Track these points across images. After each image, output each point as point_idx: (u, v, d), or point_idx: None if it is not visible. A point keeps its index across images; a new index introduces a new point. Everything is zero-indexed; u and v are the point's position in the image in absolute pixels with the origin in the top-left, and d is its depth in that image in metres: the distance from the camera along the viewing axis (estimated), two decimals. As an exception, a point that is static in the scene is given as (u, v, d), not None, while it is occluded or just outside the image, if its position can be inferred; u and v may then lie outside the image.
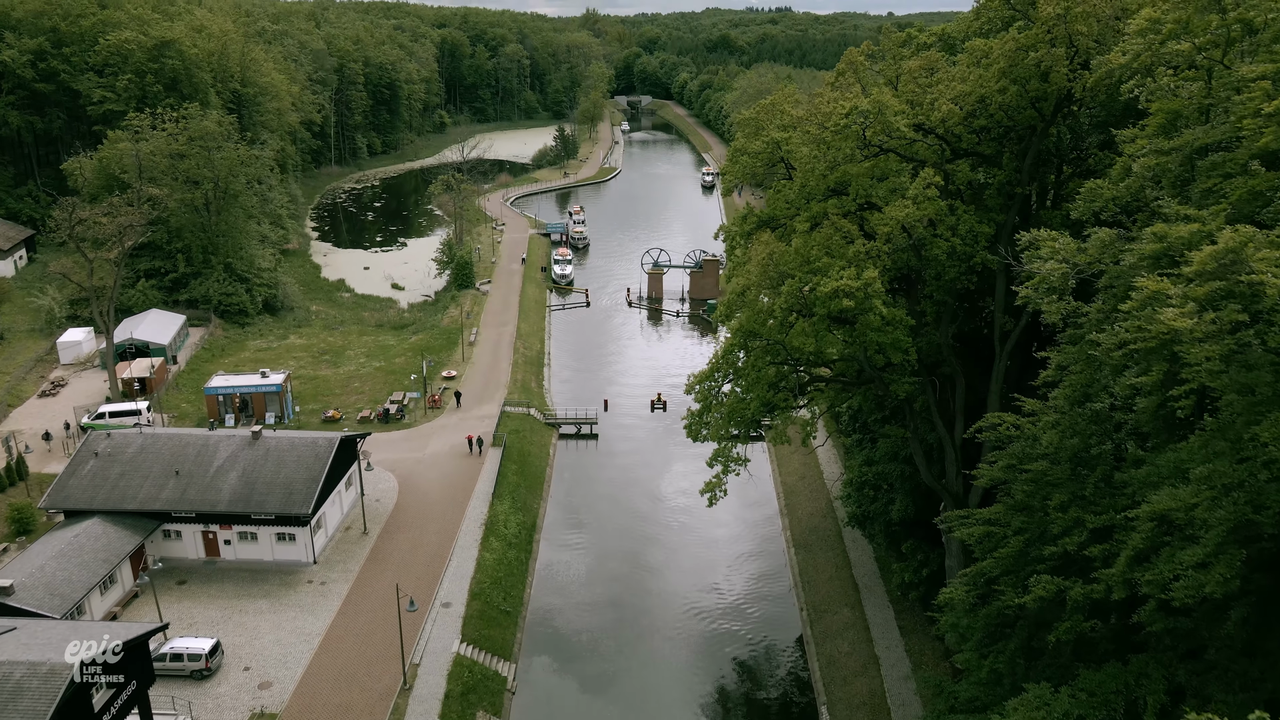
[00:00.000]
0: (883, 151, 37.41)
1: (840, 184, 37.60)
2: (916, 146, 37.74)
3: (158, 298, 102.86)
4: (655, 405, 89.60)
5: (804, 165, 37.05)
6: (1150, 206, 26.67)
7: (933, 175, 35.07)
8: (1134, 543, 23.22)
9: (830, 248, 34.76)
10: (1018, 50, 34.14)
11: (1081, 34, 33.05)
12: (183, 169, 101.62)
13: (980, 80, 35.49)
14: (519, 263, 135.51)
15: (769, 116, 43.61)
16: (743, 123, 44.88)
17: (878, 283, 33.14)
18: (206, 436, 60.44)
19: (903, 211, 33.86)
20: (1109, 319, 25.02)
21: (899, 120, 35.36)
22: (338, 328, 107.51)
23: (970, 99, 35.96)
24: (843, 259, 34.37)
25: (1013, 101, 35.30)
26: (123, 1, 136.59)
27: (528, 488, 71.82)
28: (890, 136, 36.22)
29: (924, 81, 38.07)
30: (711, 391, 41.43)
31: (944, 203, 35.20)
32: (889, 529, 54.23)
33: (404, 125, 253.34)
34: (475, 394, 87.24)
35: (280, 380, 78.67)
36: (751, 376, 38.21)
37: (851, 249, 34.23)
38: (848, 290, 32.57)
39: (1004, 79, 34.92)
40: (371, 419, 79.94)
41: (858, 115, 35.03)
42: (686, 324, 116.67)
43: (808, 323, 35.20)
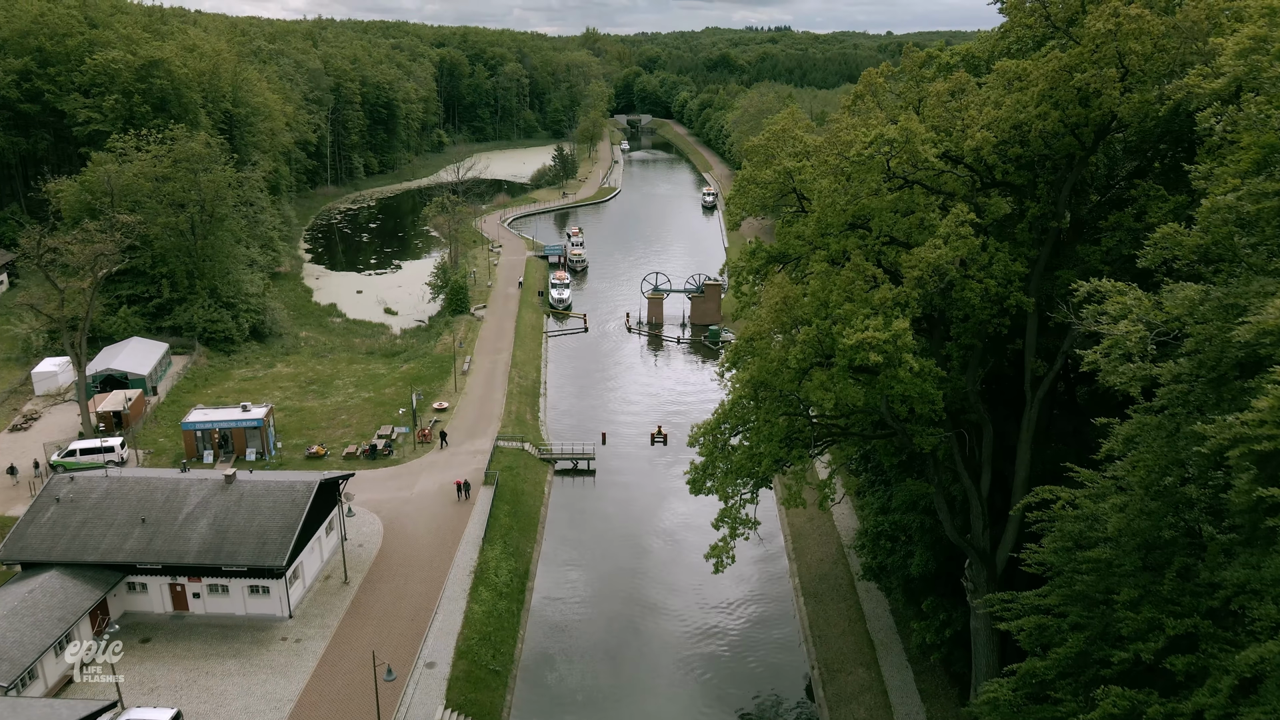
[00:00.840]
0: (907, 184, 33.92)
1: (860, 217, 34.03)
2: (945, 178, 34.26)
3: (140, 325, 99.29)
4: (655, 438, 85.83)
5: (822, 199, 33.52)
6: (1241, 259, 23.07)
7: (966, 212, 31.53)
8: (1238, 667, 19.47)
9: (852, 292, 31.20)
10: (1060, 71, 30.67)
11: (1134, 53, 29.60)
12: (166, 192, 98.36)
13: (1017, 105, 32.00)
14: (515, 286, 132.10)
15: (779, 144, 40.14)
16: (751, 150, 41.42)
17: (908, 335, 29.55)
18: (176, 480, 56.61)
19: (934, 253, 30.31)
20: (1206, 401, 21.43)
21: (927, 149, 31.86)
22: (327, 355, 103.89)
23: (1006, 125, 32.48)
24: (866, 305, 30.77)
25: (1053, 128, 31.81)
26: (112, 21, 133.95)
27: (520, 530, 67.90)
28: (917, 167, 32.72)
29: (952, 106, 34.60)
30: (717, 444, 37.68)
31: (977, 240, 31.67)
32: (907, 583, 50.32)
33: (401, 145, 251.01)
34: (467, 427, 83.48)
35: (262, 414, 74.94)
36: (763, 431, 34.54)
37: (876, 295, 30.60)
38: (875, 343, 28.95)
39: (1044, 103, 31.43)
40: (358, 455, 76.11)
41: (882, 144, 31.54)
42: (687, 350, 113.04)
43: (826, 374, 31.56)
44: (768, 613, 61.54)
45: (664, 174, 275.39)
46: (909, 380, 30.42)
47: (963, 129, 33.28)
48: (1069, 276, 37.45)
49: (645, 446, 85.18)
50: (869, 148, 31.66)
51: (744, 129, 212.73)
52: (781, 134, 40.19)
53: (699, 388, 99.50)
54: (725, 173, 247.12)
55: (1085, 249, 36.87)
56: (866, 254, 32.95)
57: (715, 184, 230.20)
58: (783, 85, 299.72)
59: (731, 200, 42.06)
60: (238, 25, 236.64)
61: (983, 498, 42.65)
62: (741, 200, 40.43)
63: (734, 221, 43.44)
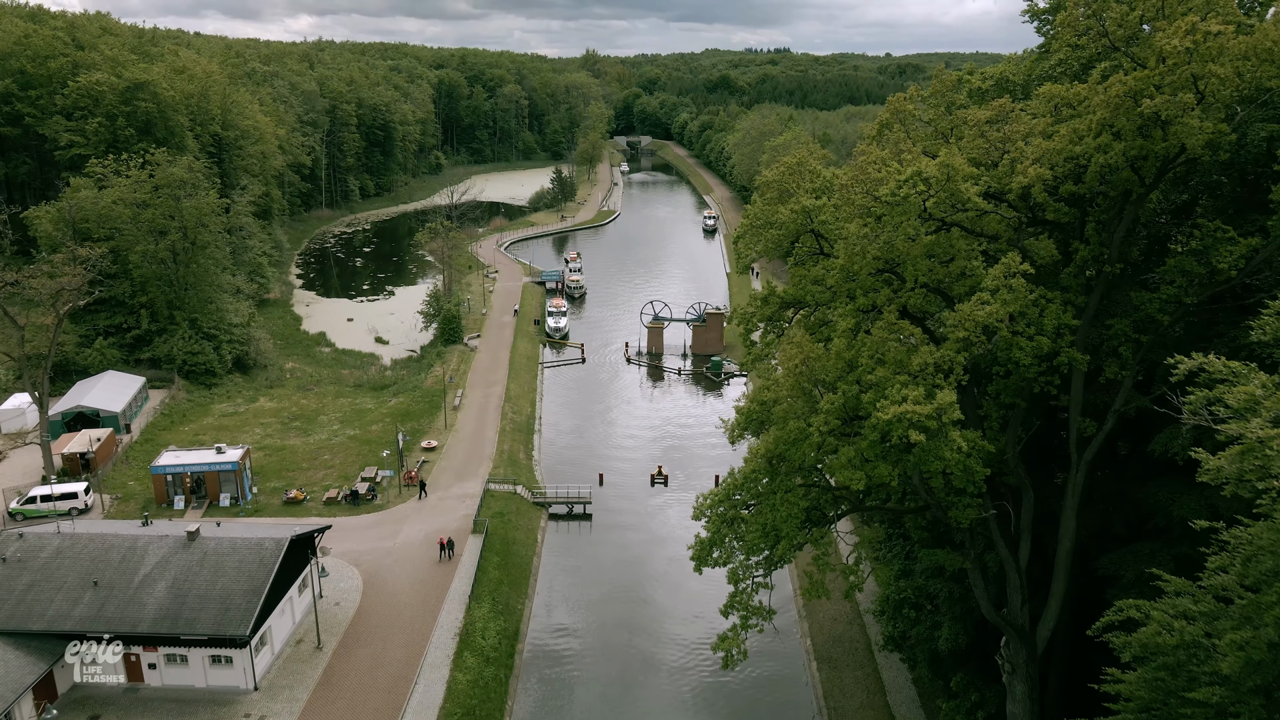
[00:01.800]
0: (944, 226, 29.75)
1: (891, 264, 29.79)
2: (987, 219, 30.08)
3: (117, 357, 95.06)
4: (655, 479, 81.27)
5: (849, 245, 29.31)
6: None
7: (1018, 262, 27.34)
8: None
9: (884, 354, 26.95)
10: (1124, 97, 26.53)
11: (1214, 76, 25.48)
12: (146, 218, 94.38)
13: (1072, 135, 27.86)
14: (511, 314, 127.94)
15: (795, 178, 35.99)
16: (765, 185, 37.24)
17: (955, 409, 25.30)
18: (134, 538, 52.01)
19: (982, 310, 26.09)
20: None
21: (970, 188, 27.69)
22: (312, 389, 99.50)
23: (1060, 159, 28.32)
24: (902, 370, 26.49)
25: (1115, 161, 27.65)
26: (98, 43, 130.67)
27: (511, 584, 63.19)
28: (957, 208, 28.55)
29: (994, 136, 30.45)
30: (726, 518, 33.23)
31: (1031, 294, 27.45)
32: (933, 656, 45.67)
33: (398, 167, 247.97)
34: (456, 469, 78.94)
35: (237, 457, 70.43)
36: (781, 513, 30.16)
37: (915, 359, 26.34)
38: (915, 419, 24.66)
39: (1104, 133, 27.30)
40: (339, 500, 71.51)
41: (919, 182, 27.38)
42: (689, 382, 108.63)
43: (854, 449, 27.26)
44: (777, 674, 56.69)
45: (664, 196, 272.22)
46: (954, 459, 26.07)
47: (1009, 163, 29.06)
48: (1122, 326, 33.23)
49: (644, 487, 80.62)
50: (904, 187, 27.48)
51: (746, 151, 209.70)
52: (798, 167, 36.02)
53: (701, 422, 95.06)
54: (726, 195, 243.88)
55: (1140, 296, 32.61)
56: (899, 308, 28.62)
57: (716, 207, 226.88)
58: (783, 107, 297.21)
59: (741, 241, 37.90)
60: (233, 47, 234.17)
61: (1021, 570, 38.16)
62: (753, 242, 36.24)
63: (744, 265, 39.28)
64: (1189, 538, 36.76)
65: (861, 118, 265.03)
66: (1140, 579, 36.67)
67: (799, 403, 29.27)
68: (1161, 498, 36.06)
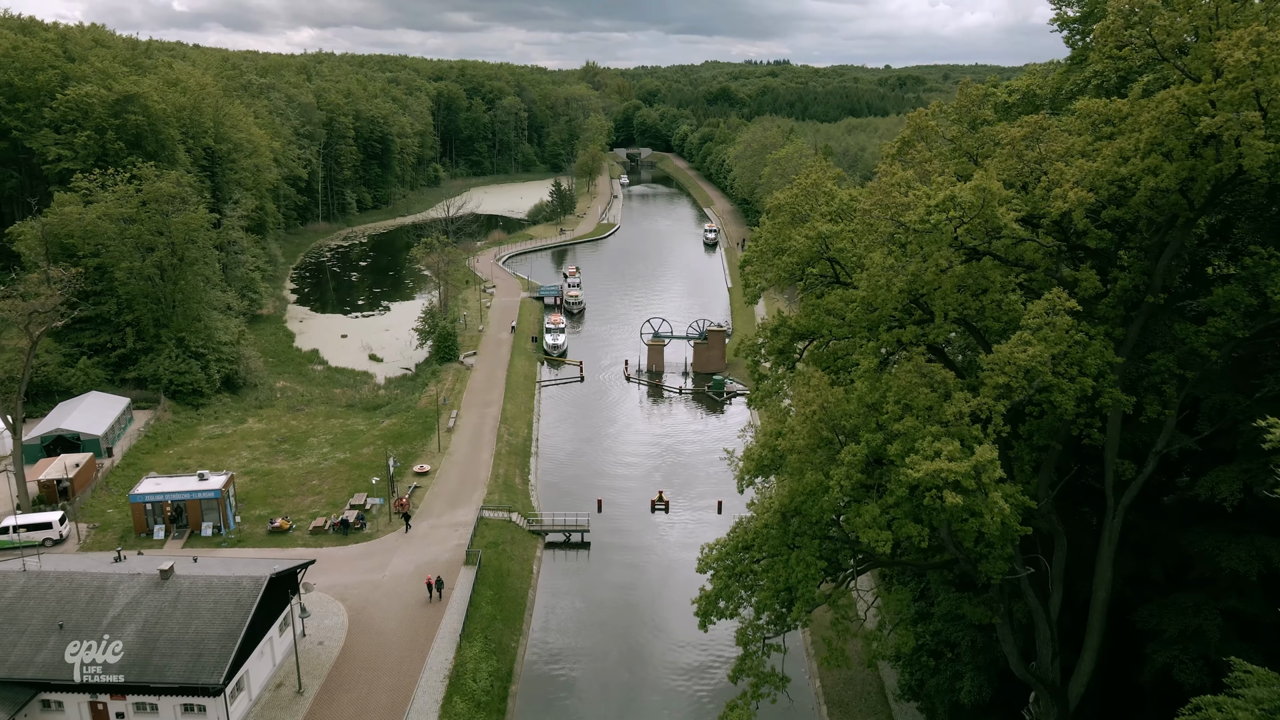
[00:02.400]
0: (976, 255, 27.07)
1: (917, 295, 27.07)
2: (1023, 247, 27.38)
3: (101, 377, 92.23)
4: (656, 505, 78.37)
5: (873, 277, 26.60)
6: None
7: (1064, 298, 24.64)
8: None
9: (913, 401, 24.20)
10: (1178, 114, 23.90)
11: None
12: (132, 234, 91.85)
13: (1118, 155, 25.21)
14: (508, 331, 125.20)
15: (809, 200, 33.26)
16: (776, 208, 34.50)
17: (996, 466, 22.57)
18: (104, 576, 49.10)
19: (1024, 352, 23.39)
20: None
21: (1007, 215, 25.02)
22: (302, 409, 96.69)
23: (1103, 181, 25.65)
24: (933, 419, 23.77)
25: (1168, 184, 24.99)
26: (88, 55, 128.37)
27: (504, 620, 60.23)
28: (992, 235, 25.87)
29: (1029, 156, 27.78)
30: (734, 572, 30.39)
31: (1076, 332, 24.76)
32: (955, 710, 42.65)
33: (396, 179, 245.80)
34: (449, 495, 76.05)
35: (220, 484, 67.56)
36: (797, 572, 27.38)
37: (949, 408, 23.61)
38: (952, 478, 21.91)
39: (1153, 154, 24.65)
40: (326, 530, 68.59)
41: (953, 207, 24.71)
42: (690, 402, 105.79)
43: (878, 506, 24.51)
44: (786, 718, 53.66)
45: (664, 209, 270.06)
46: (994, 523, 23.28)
47: (1047, 186, 26.37)
48: (1165, 362, 30.48)
49: (645, 515, 77.69)
50: (935, 212, 24.78)
51: (747, 164, 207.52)
52: (812, 189, 33.31)
53: (703, 443, 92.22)
54: (727, 208, 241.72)
55: (1185, 328, 29.88)
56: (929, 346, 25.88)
57: (716, 220, 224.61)
58: (784, 119, 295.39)
59: (750, 269, 35.17)
60: (229, 59, 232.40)
61: (1052, 621, 35.30)
62: (763, 269, 33.50)
63: (753, 295, 36.51)
64: (1238, 589, 34.03)
65: (863, 130, 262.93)
66: (1184, 634, 33.87)
67: (817, 452, 26.52)
68: (1206, 545, 33.27)
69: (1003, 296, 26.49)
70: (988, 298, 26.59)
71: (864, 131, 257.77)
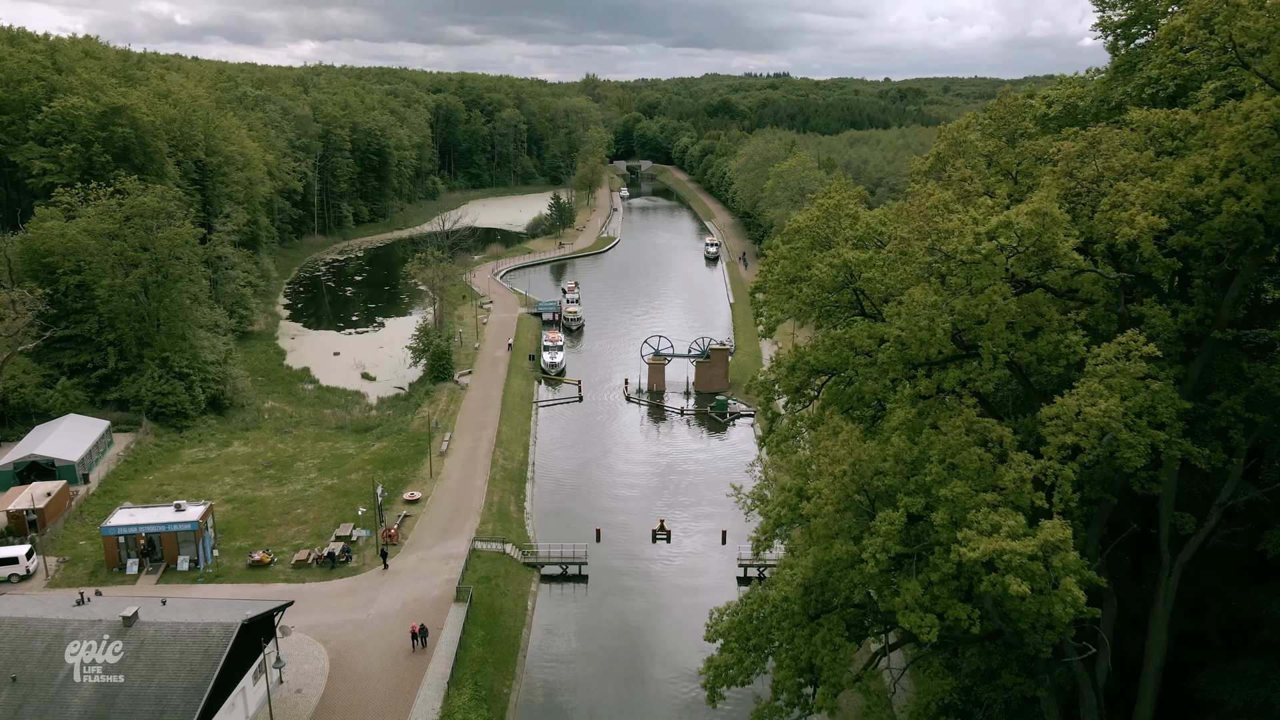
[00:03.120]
0: (1026, 287, 23.76)
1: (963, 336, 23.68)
2: (1082, 279, 24.06)
3: (81, 398, 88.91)
4: (657, 535, 74.79)
5: (913, 316, 23.19)
6: None
7: (1139, 340, 21.30)
8: None
9: (962, 462, 20.81)
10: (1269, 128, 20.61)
11: (1401, 101, 19.67)
12: (115, 250, 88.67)
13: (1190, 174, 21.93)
14: (505, 349, 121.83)
15: (831, 223, 29.92)
16: (793, 233, 31.11)
17: (1069, 550, 19.17)
18: (63, 624, 45.46)
19: (1096, 407, 20.04)
20: None
21: (1067, 243, 21.73)
22: (290, 431, 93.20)
23: (1175, 204, 22.38)
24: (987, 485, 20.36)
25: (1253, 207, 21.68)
26: (75, 66, 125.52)
27: (496, 663, 56.56)
28: (1047, 265, 22.55)
29: (1084, 175, 24.50)
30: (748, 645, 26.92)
31: (1156, 383, 21.42)
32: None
33: (393, 192, 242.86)
34: (441, 524, 72.50)
35: (198, 515, 64.05)
36: (823, 654, 23.94)
37: (1007, 473, 20.22)
38: (1016, 562, 18.47)
39: (1236, 173, 21.37)
40: (309, 563, 64.99)
41: (1008, 234, 21.41)
42: (692, 423, 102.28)
43: (918, 584, 21.07)
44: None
45: (664, 222, 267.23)
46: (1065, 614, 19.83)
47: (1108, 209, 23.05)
48: (1232, 405, 27.05)
49: (646, 545, 74.10)
50: (985, 240, 21.45)
51: (749, 176, 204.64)
52: (834, 210, 29.96)
53: (706, 468, 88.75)
54: (728, 221, 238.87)
55: (1255, 367, 26.48)
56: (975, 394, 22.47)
57: (718, 233, 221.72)
58: (785, 131, 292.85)
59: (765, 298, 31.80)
60: (225, 71, 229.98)
61: (1099, 689, 31.72)
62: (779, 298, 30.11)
63: (769, 327, 33.10)
64: (1311, 657, 30.58)
65: (865, 142, 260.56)
66: (1250, 706, 30.33)
67: (846, 516, 23.10)
68: (1274, 607, 29.74)
69: (1061, 337, 23.15)
70: (1043, 338, 23.26)
71: (866, 144, 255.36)
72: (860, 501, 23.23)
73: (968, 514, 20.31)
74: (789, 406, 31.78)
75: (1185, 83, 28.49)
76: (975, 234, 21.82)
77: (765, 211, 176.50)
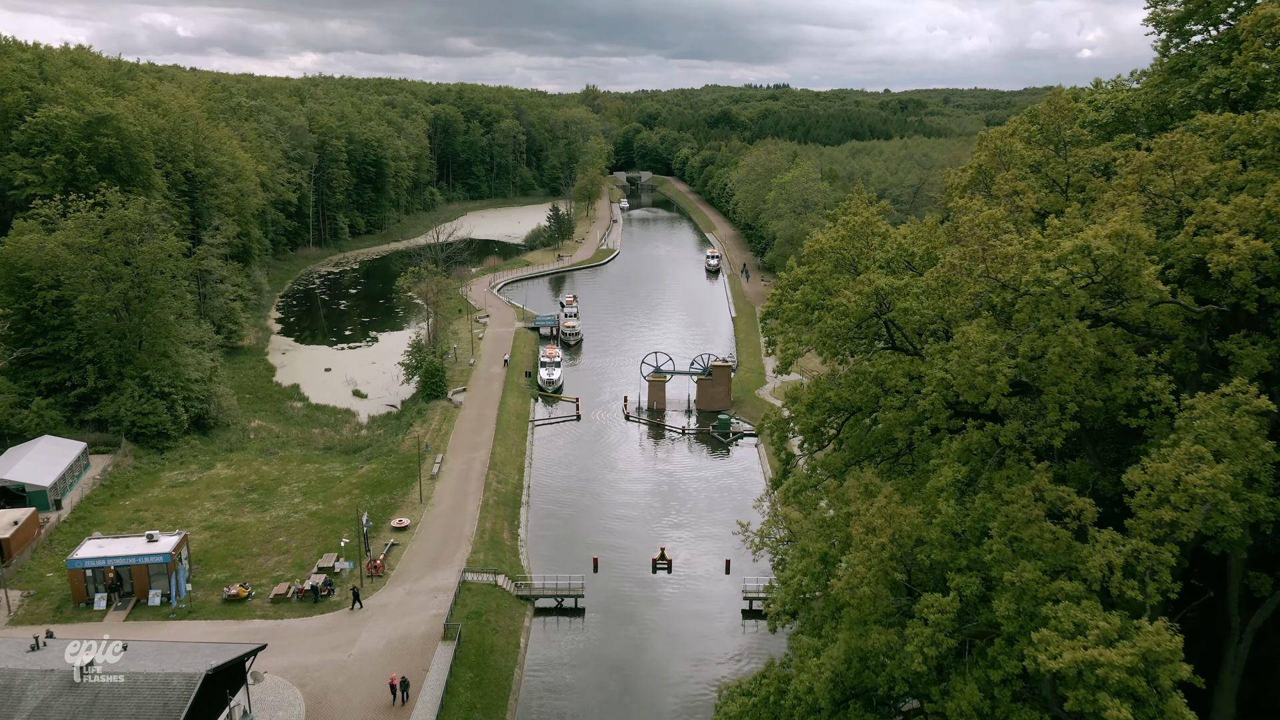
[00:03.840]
0: (1096, 321, 20.33)
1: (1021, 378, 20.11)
2: (1159, 310, 20.61)
3: (58, 419, 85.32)
4: (657, 565, 71.15)
5: (969, 360, 19.65)
6: None
7: (1250, 391, 17.84)
8: None
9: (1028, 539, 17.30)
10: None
11: None
12: (95, 264, 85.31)
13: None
14: (501, 365, 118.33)
15: (859, 244, 26.35)
16: (815, 255, 27.45)
17: (1179, 661, 15.71)
18: (11, 674, 41.85)
19: (1200, 475, 16.57)
20: None
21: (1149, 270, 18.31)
22: (276, 452, 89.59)
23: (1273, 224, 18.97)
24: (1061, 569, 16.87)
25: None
26: (61, 75, 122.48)
27: (485, 708, 52.85)
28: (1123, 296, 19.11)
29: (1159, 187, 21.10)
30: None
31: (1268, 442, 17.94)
32: None
33: (390, 204, 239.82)
34: (430, 553, 68.87)
35: (170, 547, 60.45)
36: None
37: (1091, 556, 16.70)
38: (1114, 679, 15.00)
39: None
40: (289, 597, 61.31)
41: (1084, 262, 17.97)
42: (694, 443, 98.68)
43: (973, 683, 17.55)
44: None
45: (665, 234, 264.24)
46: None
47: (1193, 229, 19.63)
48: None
49: (646, 575, 70.46)
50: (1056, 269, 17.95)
51: (751, 187, 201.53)
52: (862, 228, 26.40)
53: (708, 492, 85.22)
54: (729, 233, 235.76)
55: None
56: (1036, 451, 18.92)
57: (719, 245, 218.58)
58: (786, 142, 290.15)
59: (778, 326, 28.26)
60: (220, 81, 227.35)
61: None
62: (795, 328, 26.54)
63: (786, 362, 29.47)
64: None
65: (866, 153, 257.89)
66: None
67: (882, 595, 19.49)
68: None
69: (1140, 381, 19.60)
70: (1118, 383, 19.74)
71: (868, 155, 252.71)
72: (901, 580, 19.69)
73: (1040, 606, 16.77)
74: (805, 446, 28.22)
75: (1258, 83, 25.10)
76: (1042, 260, 18.27)
77: (767, 223, 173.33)
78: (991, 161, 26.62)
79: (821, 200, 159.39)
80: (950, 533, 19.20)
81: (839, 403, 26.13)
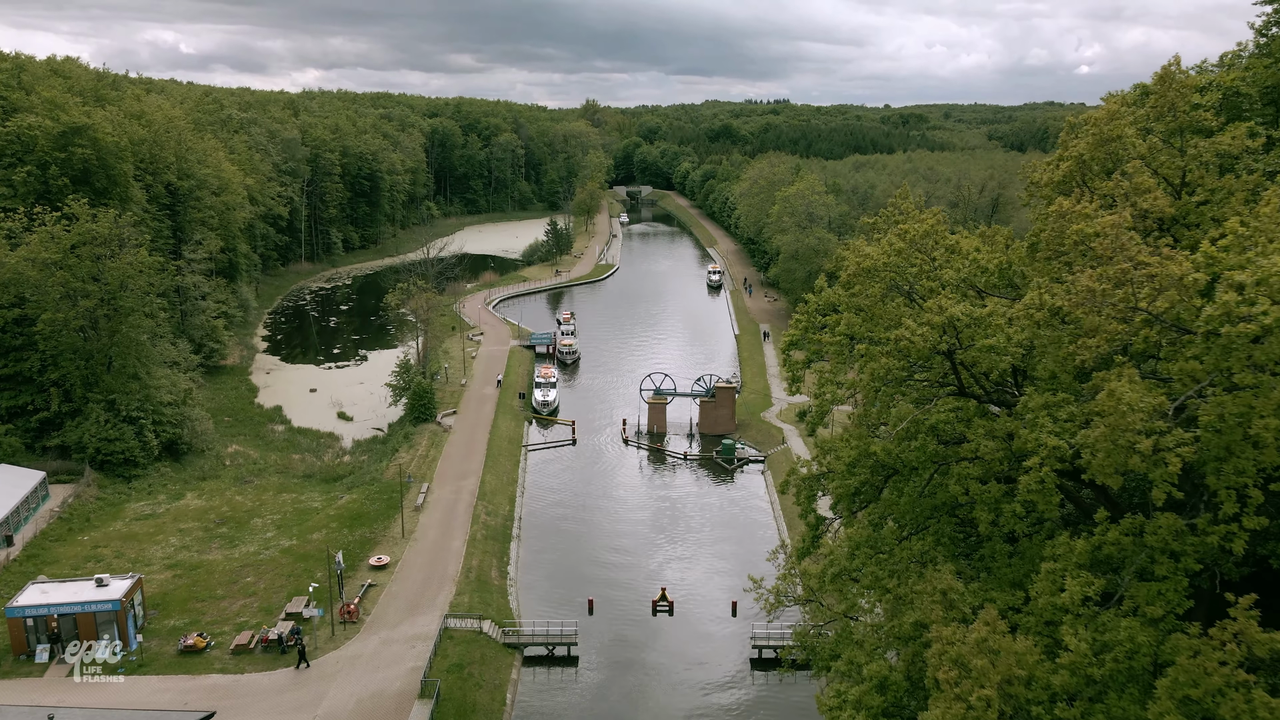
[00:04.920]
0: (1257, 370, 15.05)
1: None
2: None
3: (17, 445, 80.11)
4: (658, 606, 65.54)
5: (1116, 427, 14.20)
6: None
7: None
8: None
9: (1224, 712, 11.86)
10: None
11: None
12: (58, 280, 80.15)
13: None
14: (494, 385, 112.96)
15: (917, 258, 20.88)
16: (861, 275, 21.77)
17: None
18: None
19: None
20: None
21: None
22: (251, 480, 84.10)
23: None
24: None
25: None
26: (36, 85, 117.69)
27: (465, 779, 47.14)
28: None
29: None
30: None
31: None
32: None
33: (385, 218, 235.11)
34: (410, 595, 63.25)
35: (121, 593, 54.91)
36: None
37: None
38: None
39: None
40: (251, 648, 55.63)
41: None
42: (696, 469, 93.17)
43: None
44: None
45: (665, 248, 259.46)
46: None
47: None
48: None
49: (645, 617, 64.84)
50: (1247, 305, 12.56)
51: (754, 201, 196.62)
52: (922, 240, 20.82)
53: (713, 523, 79.66)
54: (731, 248, 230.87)
55: None
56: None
57: (720, 260, 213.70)
58: (788, 155, 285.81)
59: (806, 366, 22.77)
60: (211, 94, 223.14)
61: None
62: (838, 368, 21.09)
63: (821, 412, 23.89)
64: None
65: (870, 166, 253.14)
66: None
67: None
68: None
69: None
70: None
71: (871, 168, 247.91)
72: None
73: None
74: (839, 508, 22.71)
75: None
76: (1234, 289, 12.98)
77: (771, 238, 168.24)
78: (1095, 153, 20.99)
79: (826, 214, 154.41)
80: (1079, 674, 13.84)
81: (887, 460, 20.54)
